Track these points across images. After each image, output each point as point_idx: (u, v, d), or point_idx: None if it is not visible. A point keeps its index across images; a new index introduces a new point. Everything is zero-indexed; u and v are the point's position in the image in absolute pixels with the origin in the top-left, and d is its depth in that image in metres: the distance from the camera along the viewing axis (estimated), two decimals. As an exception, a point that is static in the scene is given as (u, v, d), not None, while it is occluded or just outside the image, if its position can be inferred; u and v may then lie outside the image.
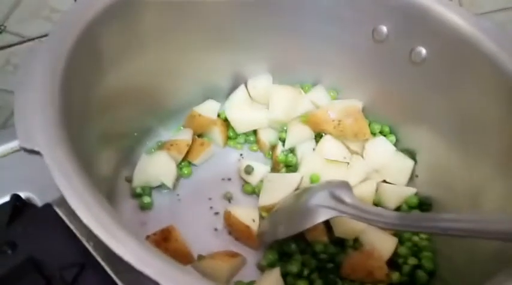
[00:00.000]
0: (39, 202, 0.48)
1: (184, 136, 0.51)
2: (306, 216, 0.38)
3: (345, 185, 0.38)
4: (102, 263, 0.23)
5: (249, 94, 0.55)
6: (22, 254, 0.23)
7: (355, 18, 0.47)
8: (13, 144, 0.53)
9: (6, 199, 0.47)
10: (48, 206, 0.26)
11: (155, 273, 0.21)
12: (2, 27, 0.51)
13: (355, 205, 0.36)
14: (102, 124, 0.39)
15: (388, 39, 0.47)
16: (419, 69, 0.46)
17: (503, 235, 0.28)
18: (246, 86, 0.55)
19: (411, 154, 0.51)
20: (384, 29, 0.47)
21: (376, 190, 0.49)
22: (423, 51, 0.45)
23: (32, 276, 0.22)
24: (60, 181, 0.23)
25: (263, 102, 0.54)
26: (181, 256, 0.40)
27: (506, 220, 0.28)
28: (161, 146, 0.51)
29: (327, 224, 0.44)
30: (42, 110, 0.25)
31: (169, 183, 0.48)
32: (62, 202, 0.26)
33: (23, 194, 0.47)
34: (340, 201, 0.36)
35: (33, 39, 0.54)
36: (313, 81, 0.56)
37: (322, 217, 0.37)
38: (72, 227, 0.24)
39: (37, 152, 0.24)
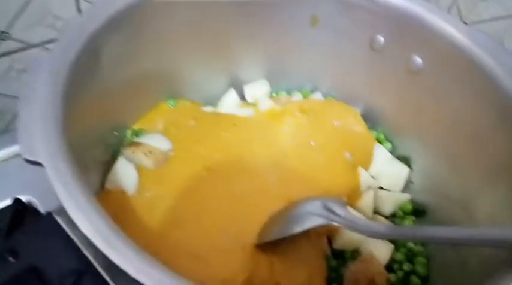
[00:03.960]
0: (40, 206, 0.49)
1: (166, 145, 0.47)
2: (297, 221, 0.39)
3: (339, 201, 0.40)
4: (101, 271, 0.24)
5: (245, 99, 0.56)
6: (23, 262, 0.24)
7: (353, 28, 0.48)
8: (15, 148, 0.54)
9: (8, 202, 0.48)
10: (49, 215, 0.27)
11: (152, 283, 0.22)
12: (7, 34, 0.52)
13: (347, 217, 0.37)
14: (102, 131, 0.40)
15: (385, 48, 0.48)
16: (416, 78, 0.47)
17: (479, 241, 0.29)
18: (242, 91, 0.56)
19: (407, 161, 0.52)
20: (381, 38, 0.47)
21: (372, 196, 0.50)
22: (419, 60, 0.46)
23: (33, 284, 0.23)
24: (60, 192, 0.24)
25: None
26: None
27: (489, 231, 0.29)
28: (137, 147, 0.45)
29: (329, 238, 0.45)
30: (43, 122, 0.26)
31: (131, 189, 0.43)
32: (62, 211, 0.27)
33: (24, 198, 0.48)
34: (332, 212, 0.37)
35: (36, 45, 0.55)
36: (312, 88, 0.57)
37: (311, 223, 0.38)
38: (72, 235, 0.25)
39: (39, 164, 0.25)
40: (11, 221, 0.45)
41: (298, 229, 0.38)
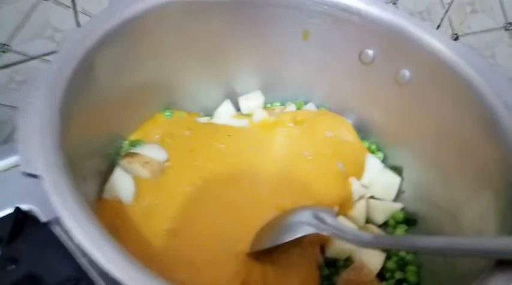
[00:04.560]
0: (40, 215, 0.50)
1: (162, 155, 0.48)
2: (288, 230, 0.40)
3: (329, 210, 0.41)
4: (96, 278, 0.25)
5: (240, 110, 0.57)
6: (23, 269, 0.25)
7: (343, 42, 0.50)
8: (16, 158, 0.55)
9: (9, 211, 0.49)
10: (46, 225, 0.28)
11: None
12: (7, 47, 0.54)
13: (335, 226, 0.38)
14: (99, 142, 0.41)
15: (374, 61, 0.49)
16: (404, 90, 0.48)
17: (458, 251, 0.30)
18: (237, 102, 0.57)
19: (398, 171, 0.53)
20: (370, 52, 0.49)
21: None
22: (407, 73, 0.48)
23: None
24: (57, 204, 0.25)
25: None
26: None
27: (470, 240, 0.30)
28: (133, 158, 0.46)
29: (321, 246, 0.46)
30: (41, 135, 0.27)
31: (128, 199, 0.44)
32: (59, 221, 0.28)
33: (24, 207, 0.50)
34: (322, 221, 0.38)
35: (36, 57, 0.57)
36: (305, 99, 0.58)
37: (302, 232, 0.39)
38: (67, 244, 0.26)
39: (37, 176, 0.26)
40: (12, 229, 0.46)
41: (289, 237, 0.39)
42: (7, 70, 0.56)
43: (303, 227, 0.39)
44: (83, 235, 0.24)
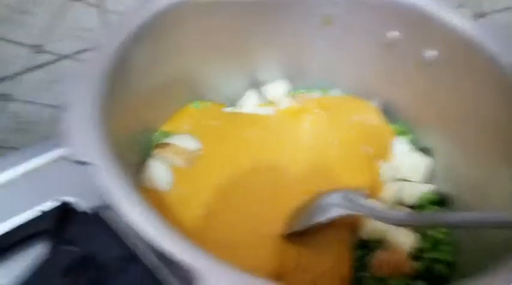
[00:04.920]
0: (80, 206, 0.52)
1: (194, 144, 0.49)
2: (319, 212, 0.41)
3: (360, 192, 0.42)
4: (142, 256, 0.27)
5: (265, 98, 0.58)
6: (79, 250, 0.27)
7: (365, 25, 0.50)
8: (54, 153, 0.58)
9: (50, 203, 0.52)
10: (95, 212, 0.29)
11: (200, 265, 0.25)
12: (40, 47, 0.56)
13: (367, 206, 0.39)
14: (134, 134, 0.43)
15: (398, 43, 0.49)
16: (430, 71, 0.48)
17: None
18: (261, 91, 0.58)
19: (427, 152, 0.53)
20: (394, 34, 0.49)
21: (396, 188, 0.51)
22: (432, 53, 0.47)
23: (91, 266, 0.26)
24: (112, 189, 0.26)
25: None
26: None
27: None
28: (166, 148, 0.48)
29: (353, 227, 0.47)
30: (88, 127, 0.29)
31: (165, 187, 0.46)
32: (107, 208, 0.30)
33: (65, 199, 0.52)
34: (353, 202, 0.39)
35: (67, 57, 0.59)
36: (330, 85, 0.59)
37: (334, 213, 0.40)
38: (117, 227, 0.28)
39: (88, 163, 0.27)
40: (58, 221, 0.49)
41: (320, 218, 0.40)
42: (40, 70, 0.58)
43: (335, 208, 0.40)
44: (139, 217, 0.25)
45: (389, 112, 0.55)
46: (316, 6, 0.49)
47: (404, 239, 0.46)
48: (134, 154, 0.45)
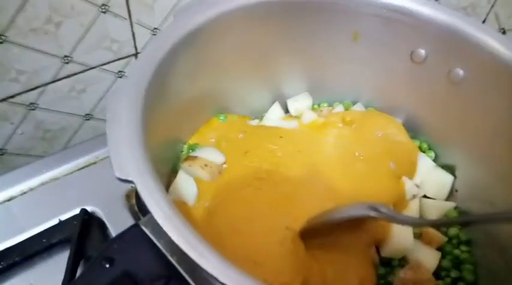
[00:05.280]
0: (102, 215, 0.53)
1: (219, 158, 0.50)
2: (341, 211, 0.41)
3: (384, 205, 0.42)
4: (185, 276, 0.27)
5: (288, 112, 0.58)
6: (118, 267, 0.27)
7: (393, 42, 0.50)
8: (76, 162, 0.59)
9: (74, 212, 0.53)
10: (136, 226, 0.30)
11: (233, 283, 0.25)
12: (70, 58, 0.57)
13: (391, 214, 0.39)
14: (166, 148, 0.44)
15: (426, 60, 0.49)
16: (458, 89, 0.48)
17: None
18: (286, 104, 0.59)
19: (451, 169, 0.53)
20: (422, 51, 0.49)
21: (417, 205, 0.51)
22: (461, 72, 0.47)
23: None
24: (151, 205, 0.27)
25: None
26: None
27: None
28: (193, 161, 0.48)
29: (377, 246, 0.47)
30: (130, 143, 0.30)
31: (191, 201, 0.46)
32: (148, 222, 0.30)
33: (88, 208, 0.53)
34: (377, 211, 0.39)
35: (95, 67, 0.60)
36: (353, 99, 0.59)
37: (357, 212, 0.40)
38: (158, 244, 0.28)
39: (130, 182, 0.28)
40: (80, 229, 0.50)
41: (342, 215, 0.40)
42: (69, 80, 0.59)
43: (357, 208, 0.40)
44: (175, 232, 0.26)
45: (412, 128, 0.55)
46: (347, 22, 0.50)
47: (428, 258, 0.46)
48: (164, 166, 0.46)
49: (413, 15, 0.47)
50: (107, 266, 0.27)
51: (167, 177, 0.46)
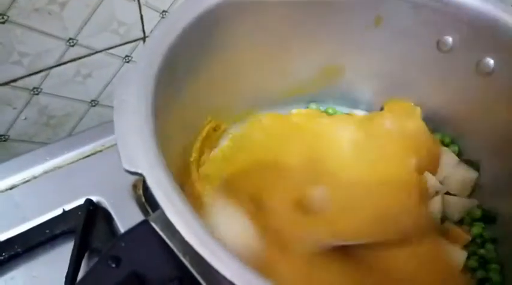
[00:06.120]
0: (108, 205, 0.51)
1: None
2: None
3: None
4: (198, 277, 0.25)
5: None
6: (126, 268, 0.25)
7: (419, 28, 0.47)
8: (81, 150, 0.56)
9: (78, 202, 0.51)
10: (145, 222, 0.28)
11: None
12: (75, 40, 0.55)
13: None
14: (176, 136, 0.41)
15: (453, 49, 0.46)
16: (486, 80, 0.45)
17: None
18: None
19: (474, 165, 0.50)
20: (450, 39, 0.46)
21: (440, 202, 0.49)
22: (491, 62, 0.44)
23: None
24: (161, 200, 0.25)
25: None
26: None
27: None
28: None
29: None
30: (140, 134, 0.27)
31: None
32: (159, 218, 0.28)
33: (94, 198, 0.51)
34: None
35: (101, 51, 0.58)
36: (371, 92, 0.56)
37: None
38: (169, 242, 0.26)
39: (139, 174, 0.26)
40: (85, 220, 0.48)
41: None
42: (74, 64, 0.57)
43: None
44: (186, 228, 0.24)
45: (434, 120, 0.53)
46: (369, 5, 0.46)
47: (457, 256, 0.44)
48: (177, 157, 0.43)
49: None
50: (113, 266, 0.25)
51: (180, 169, 0.44)
